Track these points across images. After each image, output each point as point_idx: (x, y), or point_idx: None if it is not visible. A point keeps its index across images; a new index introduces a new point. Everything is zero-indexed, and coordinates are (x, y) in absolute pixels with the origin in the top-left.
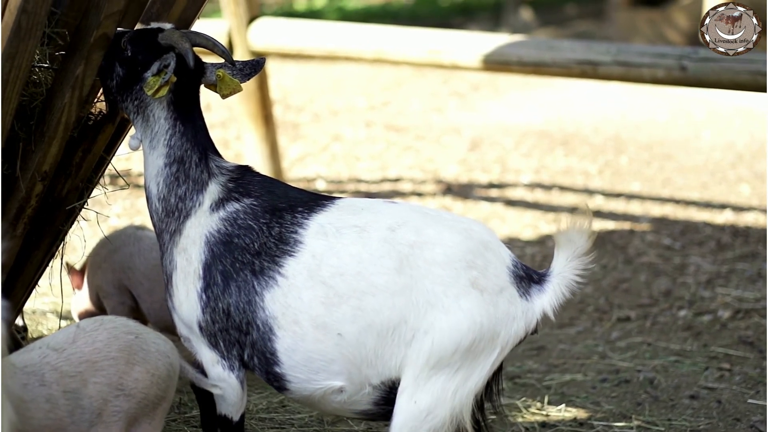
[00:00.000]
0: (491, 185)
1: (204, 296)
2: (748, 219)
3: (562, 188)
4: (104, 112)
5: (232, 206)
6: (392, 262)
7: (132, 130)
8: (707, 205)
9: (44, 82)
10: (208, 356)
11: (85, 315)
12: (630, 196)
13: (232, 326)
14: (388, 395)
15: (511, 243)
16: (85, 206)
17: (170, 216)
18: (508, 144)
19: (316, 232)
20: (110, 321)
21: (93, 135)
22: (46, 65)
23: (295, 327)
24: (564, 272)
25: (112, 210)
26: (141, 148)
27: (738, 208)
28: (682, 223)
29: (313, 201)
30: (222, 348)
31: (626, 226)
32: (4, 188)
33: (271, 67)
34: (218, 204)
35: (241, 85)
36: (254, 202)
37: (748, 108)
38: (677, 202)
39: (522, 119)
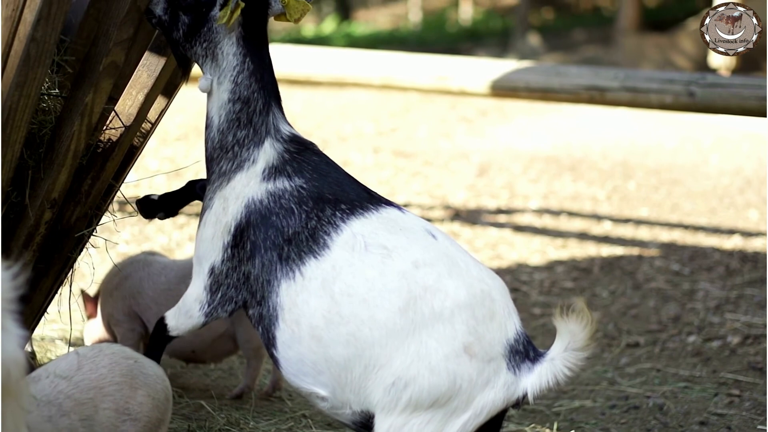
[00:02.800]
0: (499, 211)
1: (229, 251)
2: (757, 244)
3: (571, 214)
4: (113, 139)
5: (282, 183)
6: (400, 300)
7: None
8: (716, 231)
9: (53, 109)
10: (196, 292)
11: (98, 342)
12: (638, 222)
13: (248, 290)
14: (367, 423)
15: (519, 269)
16: (93, 233)
17: (224, 151)
18: (516, 169)
19: (345, 242)
20: (108, 347)
21: (102, 162)
22: (55, 93)
23: (295, 327)
24: (556, 359)
25: (120, 237)
26: (209, 89)
27: (746, 234)
28: (690, 249)
29: (359, 201)
30: (216, 298)
31: (635, 251)
32: (13, 216)
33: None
34: (271, 173)
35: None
36: (303, 185)
37: (756, 133)
38: (686, 227)
39: (530, 145)
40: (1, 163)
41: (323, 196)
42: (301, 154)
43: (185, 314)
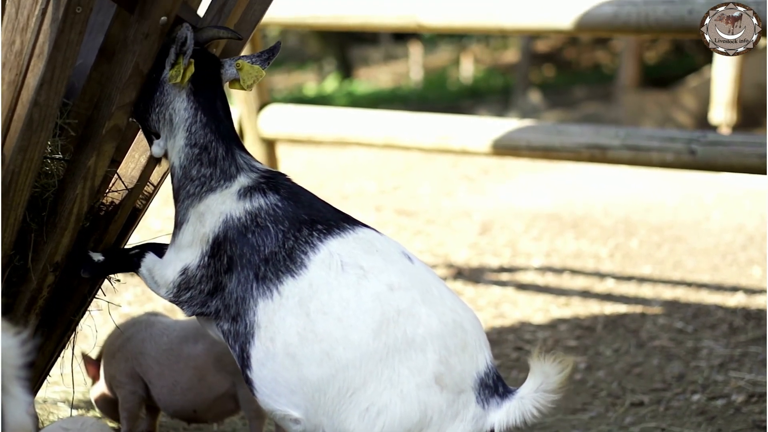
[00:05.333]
0: (502, 269)
1: (206, 260)
2: (760, 301)
3: (573, 272)
4: (116, 202)
5: (258, 201)
6: (374, 322)
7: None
8: (719, 288)
9: (56, 173)
10: (166, 281)
11: (101, 401)
12: (641, 279)
13: (222, 302)
14: None
15: (522, 327)
16: (96, 295)
17: (189, 180)
18: (519, 227)
19: (322, 261)
20: (84, 418)
21: (105, 225)
22: (58, 156)
23: (269, 344)
24: (526, 398)
25: (123, 298)
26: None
27: (749, 291)
28: (694, 306)
29: (335, 222)
30: (184, 296)
31: (638, 309)
32: (16, 279)
33: (281, 152)
34: (246, 192)
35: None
36: (278, 204)
37: (758, 190)
38: (689, 284)
39: (532, 202)
40: (4, 227)
41: (299, 216)
42: (275, 178)
43: (153, 284)
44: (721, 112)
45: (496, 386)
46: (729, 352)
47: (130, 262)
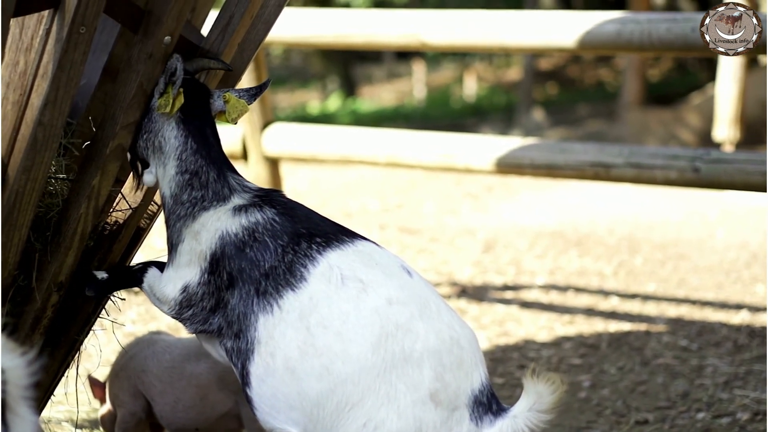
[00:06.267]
0: (506, 287)
1: (206, 276)
2: (764, 319)
3: (577, 289)
4: (120, 221)
5: (254, 216)
6: (373, 336)
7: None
8: (723, 306)
9: (60, 193)
10: (168, 299)
11: (107, 420)
12: (645, 297)
13: (225, 318)
14: None
15: (527, 346)
16: (100, 315)
17: (180, 204)
18: (522, 245)
19: (322, 274)
20: None
21: (109, 244)
22: (62, 176)
23: (270, 359)
24: (519, 417)
25: (127, 317)
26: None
27: (754, 309)
28: (698, 324)
29: (334, 234)
30: (186, 314)
31: (642, 327)
32: (20, 299)
33: (285, 171)
34: (241, 208)
35: (249, 107)
36: (275, 218)
37: (761, 207)
38: (693, 302)
39: (535, 220)
40: (9, 247)
41: (297, 230)
42: (269, 195)
43: (156, 300)
44: (725, 129)
45: (489, 404)
46: (733, 370)
47: (134, 277)
